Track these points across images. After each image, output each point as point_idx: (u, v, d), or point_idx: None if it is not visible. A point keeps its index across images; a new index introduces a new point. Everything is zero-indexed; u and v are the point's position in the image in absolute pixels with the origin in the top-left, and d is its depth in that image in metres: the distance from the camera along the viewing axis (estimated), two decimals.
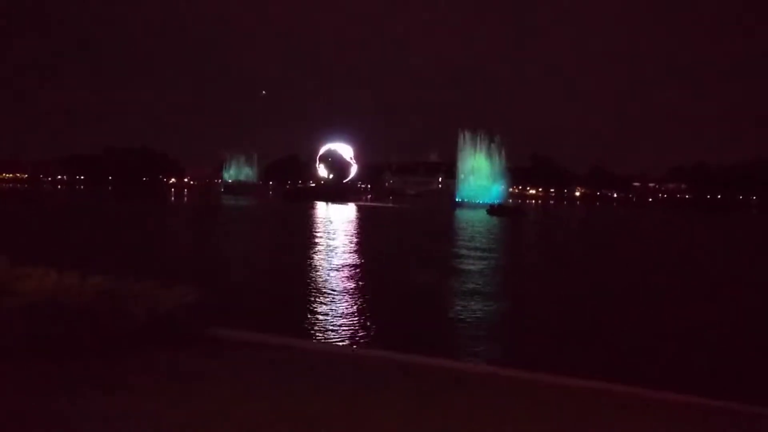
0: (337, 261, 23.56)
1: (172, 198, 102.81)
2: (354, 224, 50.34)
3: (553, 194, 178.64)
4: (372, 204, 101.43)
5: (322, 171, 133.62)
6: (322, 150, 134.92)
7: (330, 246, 29.59)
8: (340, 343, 11.06)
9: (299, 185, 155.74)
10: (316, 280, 18.43)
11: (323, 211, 69.44)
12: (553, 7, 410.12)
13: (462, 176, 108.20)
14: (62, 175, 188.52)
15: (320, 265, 22.33)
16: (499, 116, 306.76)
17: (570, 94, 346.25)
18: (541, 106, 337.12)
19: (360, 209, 77.55)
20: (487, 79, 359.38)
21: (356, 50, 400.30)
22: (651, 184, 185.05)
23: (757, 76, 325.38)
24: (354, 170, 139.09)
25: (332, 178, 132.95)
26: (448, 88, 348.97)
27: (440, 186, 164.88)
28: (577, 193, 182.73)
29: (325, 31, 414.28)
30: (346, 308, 14.50)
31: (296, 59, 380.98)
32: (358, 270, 21.41)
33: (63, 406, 4.78)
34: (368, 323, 12.89)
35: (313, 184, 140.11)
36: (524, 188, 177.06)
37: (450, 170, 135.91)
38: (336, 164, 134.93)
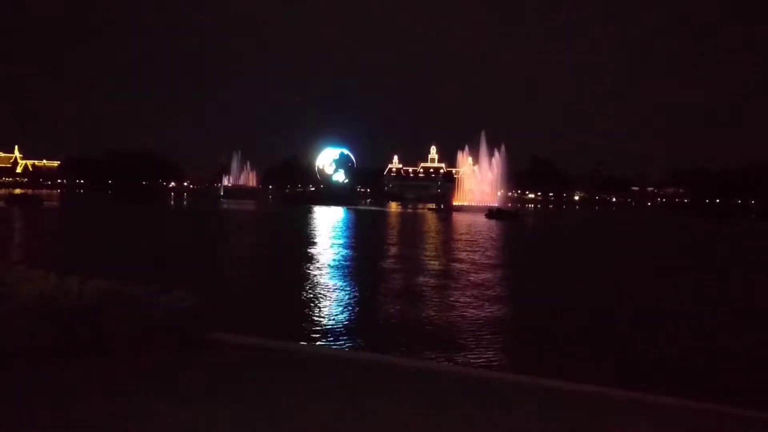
0: (351, 270, 23.53)
1: (172, 202, 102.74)
2: (359, 228, 50.35)
3: (553, 198, 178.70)
4: (371, 208, 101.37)
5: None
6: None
7: (343, 253, 29.53)
8: (340, 347, 11.06)
9: (298, 189, 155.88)
10: (321, 287, 18.38)
11: (328, 215, 69.38)
12: (553, 11, 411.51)
13: (461, 180, 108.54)
14: (62, 179, 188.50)
15: (330, 274, 22.20)
16: (498, 120, 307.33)
17: (570, 97, 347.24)
18: (540, 110, 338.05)
19: (360, 213, 77.53)
20: (487, 82, 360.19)
21: (355, 53, 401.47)
22: (650, 189, 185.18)
23: (758, 78, 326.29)
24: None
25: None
26: (448, 92, 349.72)
27: (439, 190, 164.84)
28: (576, 197, 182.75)
29: (324, 34, 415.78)
30: (354, 313, 14.49)
31: (296, 63, 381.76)
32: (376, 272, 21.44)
33: (62, 408, 4.79)
34: (367, 325, 12.89)
35: (313, 188, 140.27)
36: (523, 192, 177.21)
37: (449, 174, 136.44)
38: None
